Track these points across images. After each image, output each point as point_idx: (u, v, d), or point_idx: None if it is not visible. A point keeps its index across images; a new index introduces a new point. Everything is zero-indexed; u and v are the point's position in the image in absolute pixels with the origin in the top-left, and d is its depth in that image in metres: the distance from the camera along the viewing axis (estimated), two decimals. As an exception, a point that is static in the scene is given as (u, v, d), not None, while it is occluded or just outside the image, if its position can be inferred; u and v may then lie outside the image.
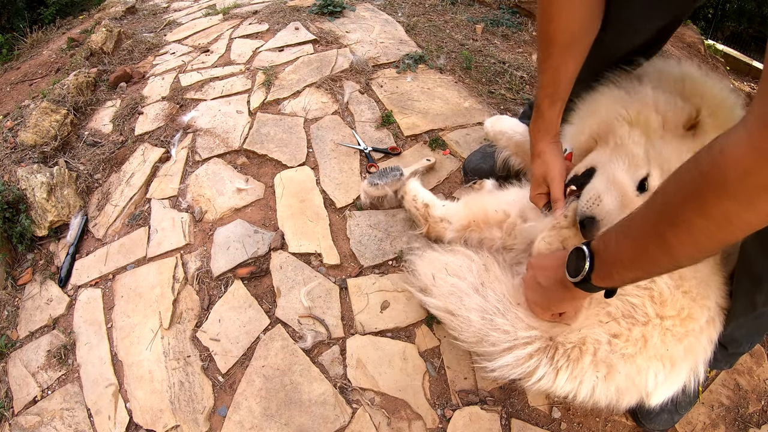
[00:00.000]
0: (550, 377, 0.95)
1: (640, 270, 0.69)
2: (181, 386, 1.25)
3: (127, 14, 3.29)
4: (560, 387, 0.95)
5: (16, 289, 1.59)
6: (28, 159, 1.86)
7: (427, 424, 1.13)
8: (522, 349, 0.96)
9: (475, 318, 1.03)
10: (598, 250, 0.75)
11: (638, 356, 0.90)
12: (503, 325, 0.99)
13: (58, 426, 1.25)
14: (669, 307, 0.90)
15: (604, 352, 0.91)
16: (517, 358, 0.96)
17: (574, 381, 0.94)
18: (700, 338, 0.92)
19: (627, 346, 0.90)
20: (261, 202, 1.63)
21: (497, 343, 0.99)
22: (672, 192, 0.60)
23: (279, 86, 2.09)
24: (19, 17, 4.57)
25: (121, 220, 1.69)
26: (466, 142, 1.75)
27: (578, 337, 0.93)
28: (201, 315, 1.38)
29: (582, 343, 0.93)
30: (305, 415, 1.16)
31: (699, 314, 0.91)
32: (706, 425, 1.15)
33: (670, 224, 0.59)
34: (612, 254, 0.72)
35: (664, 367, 0.91)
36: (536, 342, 0.96)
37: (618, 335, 0.91)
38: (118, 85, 2.36)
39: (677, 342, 0.90)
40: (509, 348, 0.97)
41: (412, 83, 2.05)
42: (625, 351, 0.90)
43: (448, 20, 2.63)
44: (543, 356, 0.95)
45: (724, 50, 3.36)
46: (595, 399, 0.94)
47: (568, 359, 0.93)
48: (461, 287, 1.09)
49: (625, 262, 0.70)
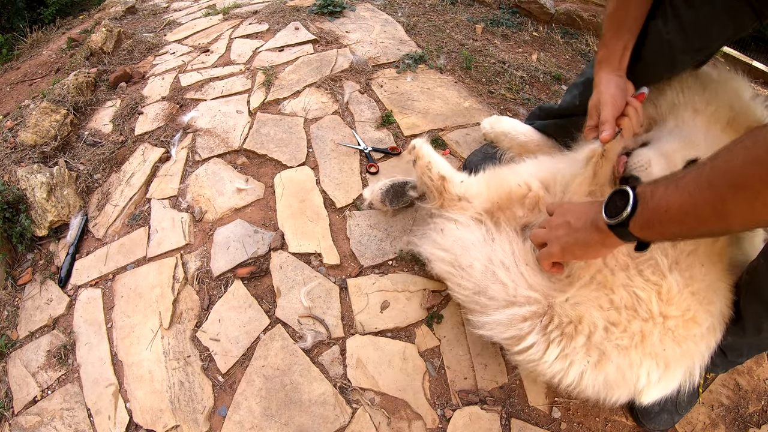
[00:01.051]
0: (540, 348, 0.92)
1: (685, 226, 0.65)
2: (181, 386, 1.25)
3: (127, 14, 3.29)
4: (549, 364, 0.92)
5: (16, 289, 1.59)
6: (28, 159, 1.86)
7: (427, 424, 1.13)
8: (518, 307, 0.93)
9: (478, 267, 1.01)
10: (644, 195, 0.69)
11: (633, 350, 0.88)
12: (505, 278, 0.97)
13: (58, 426, 1.25)
14: (674, 307, 0.88)
15: (599, 338, 0.89)
16: (512, 317, 0.93)
17: (564, 360, 0.91)
18: (699, 344, 0.91)
19: (623, 337, 0.88)
20: (261, 202, 1.63)
21: (495, 296, 0.96)
22: (739, 156, 0.57)
23: (279, 86, 2.09)
24: (19, 17, 4.57)
25: (121, 220, 1.69)
26: (466, 142, 1.74)
27: (576, 314, 0.90)
28: (201, 315, 1.38)
29: (579, 321, 0.90)
30: (305, 415, 1.16)
31: (702, 319, 0.90)
32: (706, 425, 1.15)
33: (731, 186, 0.57)
34: (658, 202, 0.67)
35: (658, 367, 0.90)
36: (534, 305, 0.93)
37: (616, 324, 0.89)
38: (118, 85, 2.36)
39: (676, 345, 0.89)
40: (505, 305, 0.95)
41: (412, 83, 2.05)
42: (621, 342, 0.88)
43: (448, 20, 2.63)
44: (537, 322, 0.92)
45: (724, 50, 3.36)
46: (582, 386, 0.92)
47: (562, 334, 0.91)
48: (469, 238, 1.07)
49: (671, 214, 0.65)
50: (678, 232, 0.67)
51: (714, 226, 0.62)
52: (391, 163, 1.70)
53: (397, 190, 1.49)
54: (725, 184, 0.57)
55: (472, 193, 1.17)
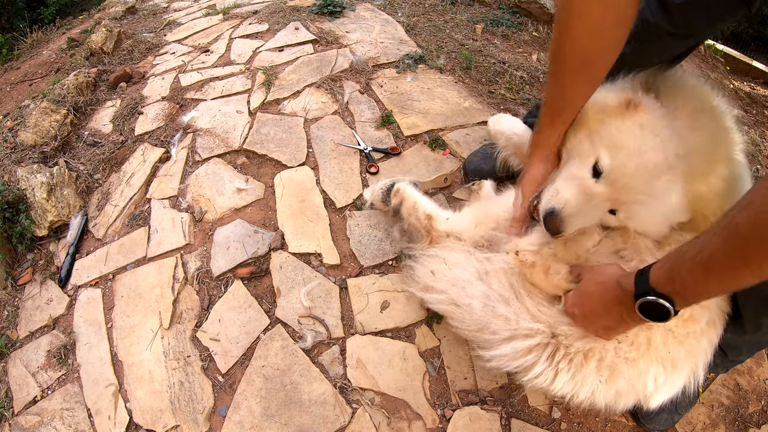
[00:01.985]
0: (548, 376, 0.93)
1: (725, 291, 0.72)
2: (181, 386, 1.25)
3: (127, 14, 3.29)
4: (558, 388, 0.93)
5: (16, 289, 1.59)
6: (28, 159, 1.86)
7: (427, 424, 1.13)
8: (522, 341, 0.93)
9: (478, 305, 1.01)
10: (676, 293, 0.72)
11: (640, 360, 0.89)
12: (506, 313, 0.97)
13: (58, 426, 1.25)
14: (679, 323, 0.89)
15: (610, 358, 0.90)
16: (516, 350, 0.94)
17: (574, 384, 0.92)
18: (701, 340, 0.91)
19: (631, 350, 0.89)
20: (261, 202, 1.63)
21: (497, 331, 0.96)
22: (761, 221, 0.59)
23: (279, 86, 2.09)
24: (19, 17, 4.57)
25: (121, 220, 1.69)
26: (466, 142, 1.74)
27: (586, 346, 0.91)
28: (201, 315, 1.38)
29: (589, 351, 0.91)
30: (305, 415, 1.16)
31: (700, 315, 0.90)
32: (706, 425, 1.15)
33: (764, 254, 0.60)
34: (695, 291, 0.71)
35: (665, 369, 0.90)
36: (537, 336, 0.93)
37: (623, 339, 0.90)
38: (118, 85, 2.36)
39: (678, 344, 0.89)
40: (509, 338, 0.95)
41: (412, 83, 2.05)
42: (629, 355, 0.89)
43: (448, 20, 2.63)
44: (542, 353, 0.92)
45: (724, 50, 3.36)
46: (593, 401, 0.93)
47: (570, 363, 0.91)
48: (463, 277, 1.07)
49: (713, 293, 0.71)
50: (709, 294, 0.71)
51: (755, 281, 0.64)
52: (391, 163, 1.70)
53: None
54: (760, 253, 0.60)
55: (460, 229, 1.20)
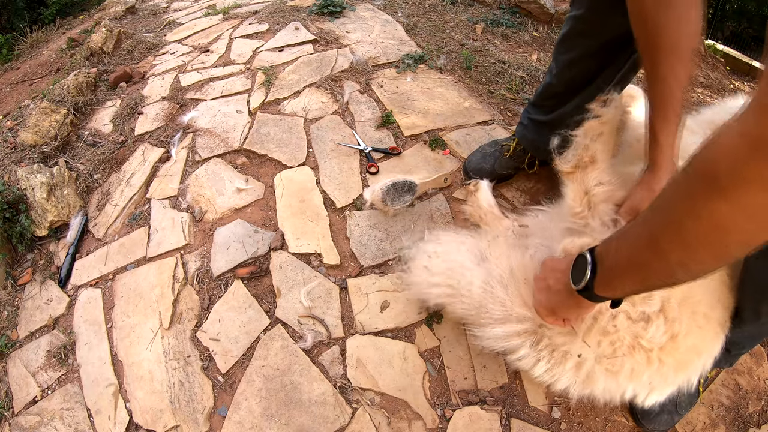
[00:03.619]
0: (529, 361, 0.96)
1: (637, 277, 0.64)
2: (181, 386, 1.25)
3: (127, 14, 3.29)
4: (538, 374, 0.96)
5: (16, 289, 1.59)
6: (28, 159, 1.86)
7: (427, 424, 1.13)
8: (513, 324, 0.96)
9: (477, 288, 1.03)
10: (601, 256, 0.70)
11: (621, 376, 0.90)
12: (503, 296, 1.00)
13: (58, 426, 1.25)
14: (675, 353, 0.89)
15: (589, 366, 0.91)
16: (507, 333, 0.97)
17: (551, 376, 0.95)
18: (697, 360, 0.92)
19: (613, 365, 0.89)
20: (261, 202, 1.63)
21: (493, 313, 0.99)
22: (667, 192, 0.56)
23: (279, 86, 2.09)
24: (19, 17, 4.57)
25: (121, 220, 1.69)
26: (466, 142, 1.74)
27: (566, 346, 0.93)
28: (201, 315, 1.38)
29: (568, 351, 0.93)
30: (305, 415, 1.16)
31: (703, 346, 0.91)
32: (706, 425, 1.15)
33: (661, 225, 0.55)
34: (612, 260, 0.68)
35: (647, 386, 0.91)
36: (527, 323, 0.96)
37: (608, 357, 0.90)
38: (118, 85, 2.36)
39: (660, 375, 0.90)
40: (502, 320, 0.98)
41: (412, 83, 2.05)
42: (610, 368, 0.90)
43: (448, 20, 2.63)
44: (528, 340, 0.95)
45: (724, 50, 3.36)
46: (571, 394, 0.96)
47: (551, 356, 0.94)
48: (461, 262, 1.09)
49: (623, 269, 0.66)
50: (634, 285, 0.66)
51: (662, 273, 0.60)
52: (391, 163, 1.70)
53: (397, 190, 1.49)
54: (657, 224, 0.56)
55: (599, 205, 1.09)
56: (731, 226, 0.47)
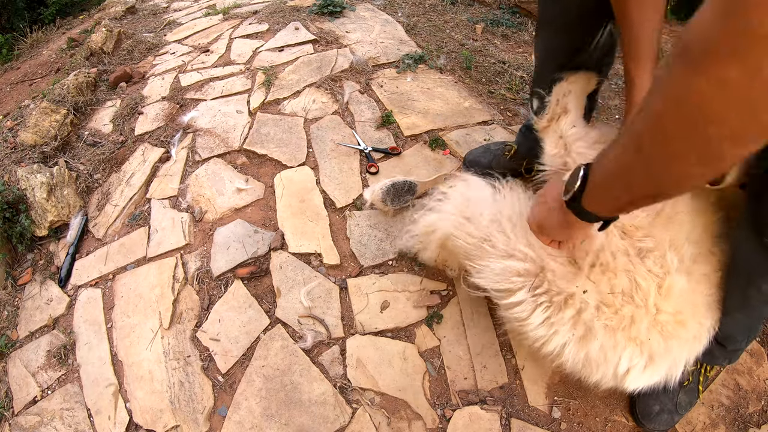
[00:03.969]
0: (526, 308, 0.94)
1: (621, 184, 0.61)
2: (181, 386, 1.25)
3: (127, 14, 3.29)
4: (533, 326, 0.94)
5: (16, 289, 1.59)
6: (28, 159, 1.86)
7: (427, 424, 1.13)
8: (514, 261, 0.96)
9: (487, 217, 1.04)
10: (593, 168, 0.67)
11: (619, 332, 0.89)
12: (509, 231, 0.99)
13: (58, 426, 1.25)
14: (670, 304, 0.90)
15: (589, 315, 0.90)
16: (506, 269, 0.96)
17: (549, 327, 0.93)
18: (683, 347, 0.93)
19: (613, 318, 0.89)
20: (261, 202, 1.63)
21: (497, 245, 0.99)
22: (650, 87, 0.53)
23: (279, 86, 2.09)
24: (19, 17, 4.56)
25: (121, 220, 1.69)
26: (466, 142, 1.74)
27: (569, 290, 0.92)
28: (201, 315, 1.38)
29: (570, 296, 0.91)
30: (305, 415, 1.16)
31: (691, 325, 0.92)
32: (706, 425, 1.15)
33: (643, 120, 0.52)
34: (600, 169, 0.65)
35: (642, 355, 0.90)
36: (528, 262, 0.95)
37: (609, 305, 0.90)
38: (118, 85, 2.36)
39: (662, 339, 0.90)
40: (504, 255, 0.97)
41: (412, 83, 2.05)
42: (609, 322, 0.89)
43: (448, 20, 2.63)
44: (528, 282, 0.94)
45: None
46: (562, 358, 0.93)
47: (550, 301, 0.92)
48: (480, 196, 1.11)
49: (609, 176, 0.63)
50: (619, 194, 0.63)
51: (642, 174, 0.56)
52: (391, 163, 1.70)
53: (397, 190, 1.49)
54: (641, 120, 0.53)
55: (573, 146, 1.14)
56: (709, 110, 0.44)
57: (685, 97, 0.45)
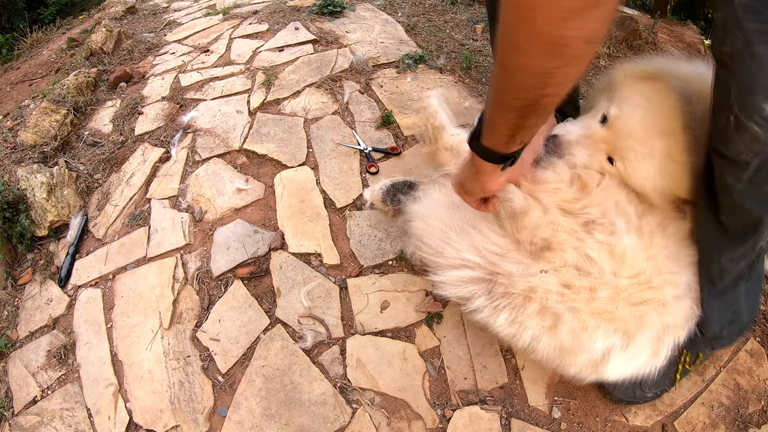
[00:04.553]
0: (488, 313, 0.95)
1: (499, 105, 0.64)
2: (181, 386, 1.25)
3: (127, 14, 3.29)
4: (501, 327, 0.94)
5: (16, 289, 1.59)
6: (28, 159, 1.86)
7: (427, 424, 1.13)
8: (462, 270, 0.97)
9: (438, 229, 1.06)
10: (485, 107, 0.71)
11: (585, 310, 0.88)
12: (455, 241, 1.01)
13: (58, 426, 1.25)
14: (627, 268, 0.89)
15: (553, 301, 0.90)
16: (457, 278, 0.97)
17: (516, 325, 0.93)
18: (664, 314, 0.90)
19: (576, 299, 0.89)
20: (261, 202, 1.63)
21: (448, 257, 1.01)
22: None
23: (279, 86, 2.09)
24: (19, 17, 4.56)
25: (121, 220, 1.69)
26: (466, 142, 1.74)
27: (526, 285, 0.91)
28: (201, 315, 1.38)
29: (531, 292, 0.91)
30: (305, 415, 1.16)
31: (659, 283, 0.89)
32: (706, 425, 1.15)
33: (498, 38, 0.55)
34: (486, 102, 0.68)
35: (615, 332, 0.88)
36: (477, 270, 0.96)
37: (570, 286, 0.90)
38: (118, 85, 2.36)
39: (627, 305, 0.88)
40: (453, 265, 0.99)
41: (412, 83, 2.05)
42: (574, 304, 0.89)
43: (448, 20, 2.63)
44: (481, 287, 0.95)
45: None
46: (537, 352, 0.93)
47: (510, 302, 0.92)
48: (439, 200, 1.13)
49: (491, 103, 0.66)
50: (506, 121, 0.66)
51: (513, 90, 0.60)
52: (391, 163, 1.70)
53: (397, 190, 1.49)
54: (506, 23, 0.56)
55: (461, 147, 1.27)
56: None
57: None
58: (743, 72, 0.69)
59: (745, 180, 0.76)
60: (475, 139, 0.75)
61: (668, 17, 2.49)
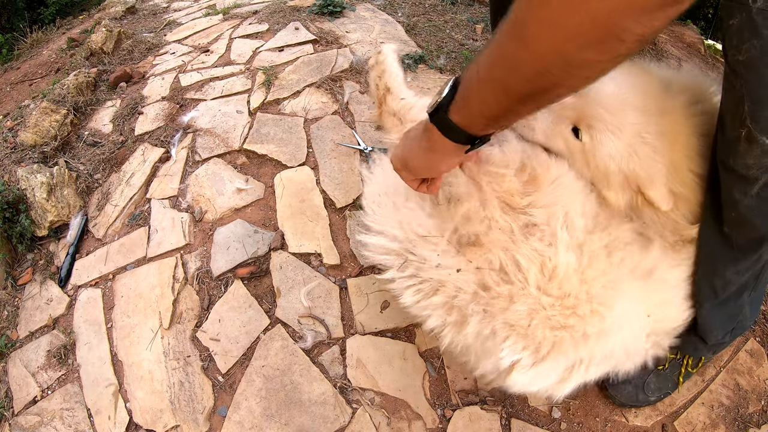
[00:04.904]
0: (399, 287, 0.91)
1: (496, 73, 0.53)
2: (181, 386, 1.25)
3: (127, 14, 3.29)
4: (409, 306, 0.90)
5: (16, 289, 1.59)
6: (28, 159, 1.86)
7: (427, 424, 1.13)
8: (383, 239, 0.95)
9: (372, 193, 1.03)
10: (465, 74, 0.59)
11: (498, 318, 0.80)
12: (383, 206, 0.98)
13: (58, 426, 1.25)
14: (555, 286, 0.80)
15: (463, 301, 0.83)
16: (376, 244, 0.96)
17: (422, 309, 0.89)
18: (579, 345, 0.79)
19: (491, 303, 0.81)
20: (261, 202, 1.63)
21: (375, 222, 0.98)
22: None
23: (279, 86, 2.09)
24: (19, 17, 4.56)
25: (121, 220, 1.69)
26: (466, 142, 1.74)
27: (437, 276, 0.85)
28: (201, 315, 1.38)
29: (440, 285, 0.85)
30: (305, 415, 1.16)
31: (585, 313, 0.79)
32: (706, 425, 1.15)
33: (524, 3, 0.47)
34: (477, 66, 0.56)
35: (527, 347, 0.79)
36: (396, 243, 0.92)
37: (488, 288, 0.81)
38: (118, 85, 2.35)
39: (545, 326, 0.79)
40: (374, 230, 0.97)
41: (412, 83, 2.04)
42: (487, 308, 0.81)
43: (448, 20, 2.63)
44: (395, 261, 0.92)
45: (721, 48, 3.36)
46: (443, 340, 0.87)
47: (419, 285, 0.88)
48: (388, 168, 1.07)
49: (483, 68, 0.55)
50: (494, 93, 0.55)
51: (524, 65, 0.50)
52: (391, 163, 1.70)
53: None
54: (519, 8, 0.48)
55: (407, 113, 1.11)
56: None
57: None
58: (759, 83, 0.65)
59: (753, 195, 0.73)
60: (442, 110, 0.62)
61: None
